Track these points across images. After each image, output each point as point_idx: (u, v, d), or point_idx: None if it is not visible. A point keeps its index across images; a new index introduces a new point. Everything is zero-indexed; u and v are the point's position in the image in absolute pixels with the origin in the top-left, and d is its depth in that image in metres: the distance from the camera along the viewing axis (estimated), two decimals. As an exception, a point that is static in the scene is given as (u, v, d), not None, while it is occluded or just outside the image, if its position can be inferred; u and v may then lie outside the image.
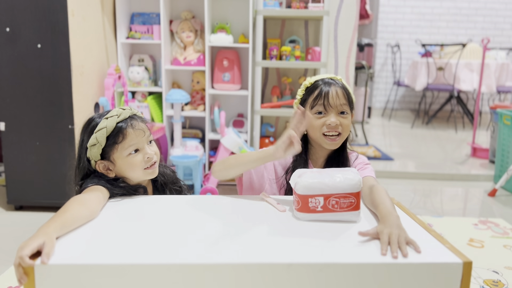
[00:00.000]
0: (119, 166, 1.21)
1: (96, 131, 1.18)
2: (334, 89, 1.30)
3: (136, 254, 0.86)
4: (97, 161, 1.20)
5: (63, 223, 0.93)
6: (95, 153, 1.19)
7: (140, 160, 1.21)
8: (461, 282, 0.86)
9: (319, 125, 1.30)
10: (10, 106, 2.32)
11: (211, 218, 1.07)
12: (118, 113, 1.20)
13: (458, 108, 5.95)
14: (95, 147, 1.18)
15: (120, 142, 1.19)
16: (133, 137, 1.20)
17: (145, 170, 1.22)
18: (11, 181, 2.41)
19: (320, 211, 1.04)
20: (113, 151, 1.20)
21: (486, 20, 6.29)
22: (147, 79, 3.08)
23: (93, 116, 1.24)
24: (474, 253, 2.09)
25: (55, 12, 2.24)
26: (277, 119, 3.36)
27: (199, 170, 2.75)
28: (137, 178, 1.24)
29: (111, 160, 1.21)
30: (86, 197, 1.07)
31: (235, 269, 0.84)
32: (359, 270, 0.85)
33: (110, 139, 1.18)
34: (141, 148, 1.22)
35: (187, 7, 3.11)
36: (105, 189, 1.16)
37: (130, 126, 1.20)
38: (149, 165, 1.23)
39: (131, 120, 1.21)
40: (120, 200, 1.18)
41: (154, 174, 1.26)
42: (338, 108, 1.30)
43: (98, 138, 1.18)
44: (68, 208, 0.99)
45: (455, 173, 3.42)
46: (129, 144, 1.19)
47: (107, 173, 1.21)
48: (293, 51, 3.01)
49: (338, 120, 1.29)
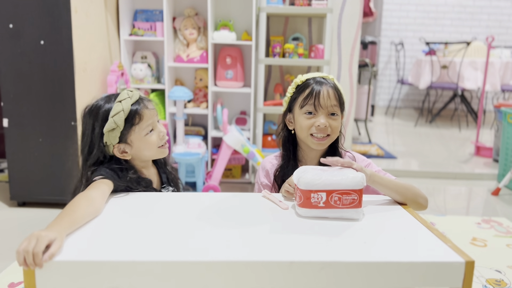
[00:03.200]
0: (136, 147, 1.22)
1: (112, 115, 1.17)
2: (325, 89, 1.27)
3: (138, 252, 0.86)
4: (115, 145, 1.20)
5: (72, 222, 0.93)
6: (113, 137, 1.19)
7: (156, 138, 1.24)
8: (464, 281, 0.85)
9: (308, 125, 1.28)
10: (13, 102, 2.32)
11: (213, 216, 1.06)
12: (130, 95, 1.21)
13: (462, 107, 5.93)
14: (114, 131, 1.18)
15: (137, 123, 1.20)
16: (148, 117, 1.22)
17: (159, 149, 1.26)
18: (14, 177, 2.42)
19: (322, 207, 1.03)
20: (130, 133, 1.20)
21: (491, 18, 6.26)
22: (150, 76, 3.07)
23: (96, 101, 1.22)
24: (477, 252, 2.08)
25: (58, 9, 2.24)
26: (280, 117, 3.36)
27: (201, 168, 2.75)
28: (152, 157, 1.27)
29: (128, 142, 1.21)
30: (92, 195, 1.06)
31: (237, 267, 0.84)
32: (361, 268, 0.84)
33: (127, 122, 1.19)
34: (155, 127, 1.25)
35: (190, 4, 3.10)
36: (110, 182, 1.16)
37: (144, 106, 1.22)
38: (163, 142, 1.26)
39: (142, 101, 1.23)
40: (121, 196, 1.18)
41: (166, 152, 1.29)
42: (329, 109, 1.27)
43: (117, 121, 1.17)
44: (76, 207, 0.98)
45: (458, 171, 3.41)
46: (146, 124, 1.22)
47: (123, 156, 1.21)
48: (296, 48, 3.00)
49: (327, 121, 1.27)
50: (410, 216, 1.09)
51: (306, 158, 1.35)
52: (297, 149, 1.37)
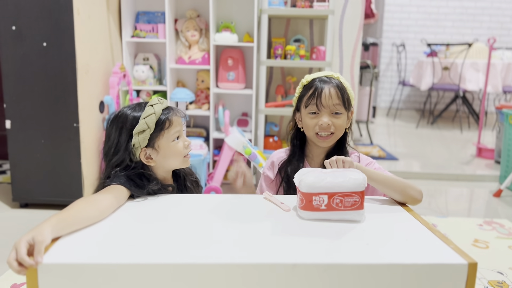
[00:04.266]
0: (162, 153, 1.21)
1: (144, 117, 1.18)
2: (327, 89, 1.30)
3: (139, 254, 0.86)
4: (143, 148, 1.19)
5: (62, 219, 0.91)
6: (143, 139, 1.18)
7: (181, 147, 1.24)
8: (466, 283, 0.85)
9: (312, 124, 1.31)
10: (16, 104, 2.33)
11: (215, 218, 1.06)
12: (160, 101, 1.22)
13: (464, 108, 5.92)
14: (144, 133, 1.18)
15: (166, 128, 1.21)
16: (176, 124, 1.23)
17: (184, 158, 1.26)
18: (16, 178, 2.42)
19: (324, 209, 1.03)
20: (158, 138, 1.20)
21: (493, 20, 6.26)
22: (152, 78, 3.08)
23: (120, 110, 1.23)
24: (478, 253, 2.08)
25: (61, 11, 2.24)
26: (281, 118, 3.36)
27: (203, 169, 2.75)
28: (175, 166, 1.27)
29: (155, 148, 1.21)
30: (97, 197, 1.05)
31: (239, 269, 0.84)
32: (364, 270, 0.85)
33: (157, 126, 1.19)
34: (181, 135, 1.26)
35: (192, 6, 3.11)
36: (125, 189, 1.14)
37: (174, 113, 1.23)
38: (187, 152, 1.27)
39: (171, 108, 1.24)
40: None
41: (189, 162, 1.29)
42: (331, 109, 1.30)
43: (148, 123, 1.17)
44: (72, 206, 0.97)
45: (460, 173, 3.40)
46: (175, 131, 1.22)
47: (147, 162, 1.21)
48: (298, 50, 3.01)
49: (330, 120, 1.30)
50: (412, 218, 1.09)
51: (313, 154, 1.39)
52: (305, 145, 1.41)
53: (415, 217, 1.09)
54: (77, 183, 2.39)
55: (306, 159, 1.40)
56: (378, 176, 1.19)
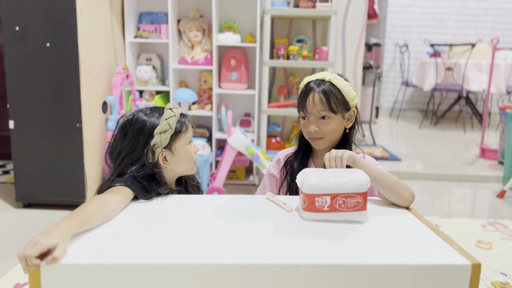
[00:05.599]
0: (178, 156, 1.25)
1: (167, 118, 1.22)
2: (311, 96, 1.30)
3: (144, 255, 0.86)
4: (162, 149, 1.22)
5: (79, 223, 0.92)
6: (165, 138, 1.21)
7: (193, 152, 1.29)
8: (470, 284, 0.85)
9: (304, 129, 1.35)
10: (19, 104, 2.34)
11: (217, 218, 1.06)
12: (176, 106, 1.27)
13: (467, 109, 5.91)
14: (166, 133, 1.21)
15: (183, 132, 1.25)
16: (190, 129, 1.28)
17: (193, 164, 1.30)
18: (19, 178, 2.43)
19: (326, 210, 1.03)
20: (175, 140, 1.24)
21: (496, 20, 6.24)
22: (155, 78, 3.08)
23: (134, 113, 1.24)
24: (482, 254, 2.07)
25: (64, 11, 2.25)
26: (284, 119, 3.36)
27: (205, 169, 2.75)
28: (185, 171, 1.30)
29: (172, 150, 1.24)
30: (108, 198, 1.06)
31: (242, 270, 0.84)
32: (367, 271, 0.84)
33: (175, 129, 1.23)
34: (191, 141, 1.30)
35: (195, 6, 3.11)
36: (130, 191, 1.15)
37: (187, 119, 1.28)
38: (196, 158, 1.31)
39: (184, 115, 1.29)
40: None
41: (195, 169, 1.33)
42: (316, 115, 1.31)
43: (171, 124, 1.21)
44: (88, 208, 0.98)
45: (463, 174, 3.39)
46: (189, 135, 1.28)
47: (163, 164, 1.23)
48: (301, 50, 3.00)
49: (317, 126, 1.31)
50: (415, 219, 1.09)
51: (317, 153, 1.41)
52: (310, 144, 1.42)
53: (418, 218, 1.09)
54: (80, 183, 2.40)
55: (311, 157, 1.41)
56: (371, 170, 1.17)
